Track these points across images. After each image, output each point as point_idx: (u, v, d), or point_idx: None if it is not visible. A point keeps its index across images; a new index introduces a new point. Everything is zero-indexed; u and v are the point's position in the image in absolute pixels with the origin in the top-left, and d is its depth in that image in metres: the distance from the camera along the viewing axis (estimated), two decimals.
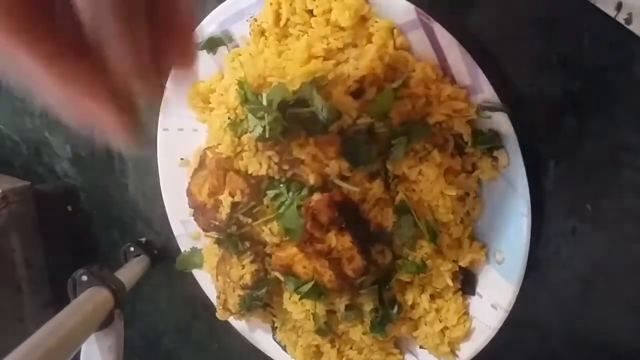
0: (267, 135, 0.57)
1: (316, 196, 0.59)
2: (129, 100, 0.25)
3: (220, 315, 0.75)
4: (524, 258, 0.57)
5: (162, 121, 0.80)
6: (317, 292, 0.62)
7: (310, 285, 0.62)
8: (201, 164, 0.70)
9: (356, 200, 0.59)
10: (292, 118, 0.56)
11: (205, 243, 0.80)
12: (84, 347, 0.68)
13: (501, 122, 0.55)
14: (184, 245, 0.84)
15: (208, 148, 0.68)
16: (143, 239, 0.92)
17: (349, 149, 0.58)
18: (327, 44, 0.59)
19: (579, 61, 0.53)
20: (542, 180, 0.57)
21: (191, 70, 0.29)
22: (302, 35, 0.61)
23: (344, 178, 0.59)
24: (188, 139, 0.78)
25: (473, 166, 0.59)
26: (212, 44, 0.70)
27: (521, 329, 0.62)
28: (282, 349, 0.76)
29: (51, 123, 0.99)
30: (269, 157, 0.61)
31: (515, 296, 0.58)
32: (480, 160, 0.58)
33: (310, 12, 0.61)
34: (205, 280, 0.82)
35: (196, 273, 0.84)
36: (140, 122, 0.27)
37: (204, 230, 0.72)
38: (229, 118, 0.65)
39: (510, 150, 0.55)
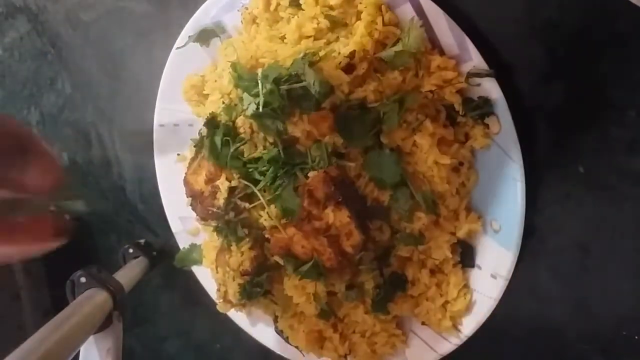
0: (261, 109, 0.58)
1: (312, 173, 0.60)
2: None
3: (221, 307, 0.74)
4: (521, 224, 0.57)
5: (158, 117, 0.81)
6: (317, 271, 0.62)
7: (309, 265, 0.61)
8: (197, 153, 0.71)
9: (352, 175, 0.60)
10: (285, 95, 0.57)
11: (204, 238, 0.81)
12: (82, 350, 0.67)
13: (491, 88, 0.56)
14: (183, 242, 0.84)
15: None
16: (142, 241, 0.92)
17: (342, 124, 0.58)
18: (317, 23, 0.60)
19: (562, 23, 0.54)
20: (534, 145, 0.58)
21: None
22: (293, 18, 0.62)
23: (339, 155, 0.60)
24: (184, 134, 0.79)
25: (466, 136, 0.60)
26: (205, 36, 0.72)
27: (520, 299, 0.61)
28: (285, 340, 0.76)
29: (48, 132, 1.00)
30: (264, 139, 0.63)
31: (514, 264, 0.58)
32: (472, 129, 0.58)
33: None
34: (206, 277, 0.82)
35: (196, 271, 0.84)
36: None
37: (202, 219, 0.73)
38: (223, 102, 0.65)
39: (501, 116, 0.56)
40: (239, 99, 0.62)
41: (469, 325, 0.62)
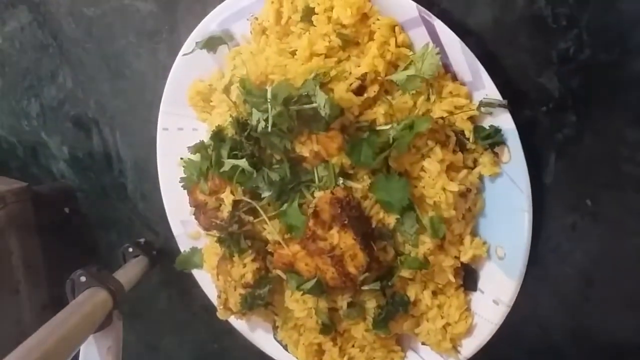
0: (269, 130, 0.57)
1: (319, 193, 0.59)
2: None
3: (221, 314, 0.74)
4: (526, 254, 0.57)
5: (162, 120, 0.80)
6: (320, 289, 0.62)
7: (312, 282, 0.62)
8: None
9: (358, 197, 0.60)
10: (295, 115, 0.57)
11: (205, 243, 0.80)
12: (82, 348, 0.68)
13: (502, 118, 0.56)
14: (183, 245, 0.84)
15: None
16: (142, 240, 0.92)
17: (351, 146, 0.58)
18: (329, 41, 0.59)
19: (578, 57, 0.54)
20: (543, 176, 0.58)
21: None
22: (304, 34, 0.61)
23: (346, 175, 0.60)
24: (188, 138, 0.78)
25: (474, 162, 0.59)
26: (213, 43, 0.71)
27: (522, 324, 0.62)
28: (283, 348, 0.76)
29: (48, 124, 0.99)
30: (271, 156, 0.62)
31: (517, 292, 0.59)
32: (481, 156, 0.58)
33: (312, 10, 0.61)
34: (205, 280, 0.82)
35: (196, 273, 0.83)
36: None
37: (205, 229, 0.72)
38: (230, 116, 0.64)
39: (511, 146, 0.56)
40: (248, 114, 0.61)
41: (469, 347, 0.63)
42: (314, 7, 0.60)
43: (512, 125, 0.55)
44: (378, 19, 0.58)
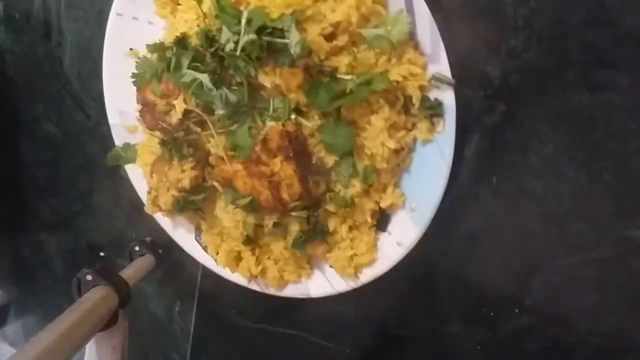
0: (237, 53, 0.59)
1: (270, 123, 0.64)
2: None
3: (148, 209, 0.78)
4: (434, 211, 0.67)
5: (117, 4, 0.77)
6: (252, 207, 0.68)
7: (247, 200, 0.67)
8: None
9: (306, 134, 0.65)
10: (265, 45, 0.59)
11: (142, 138, 0.81)
12: (88, 347, 0.68)
13: (446, 94, 0.62)
14: (118, 136, 0.84)
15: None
16: (148, 239, 0.90)
17: (310, 86, 0.62)
18: None
19: (522, 56, 0.61)
20: (464, 150, 0.67)
21: None
22: None
23: (299, 111, 0.64)
24: (142, 29, 0.77)
25: (413, 125, 0.66)
26: None
27: (413, 265, 0.72)
28: (203, 249, 0.82)
29: None
30: (232, 76, 0.64)
31: (418, 238, 0.69)
32: (420, 122, 0.65)
33: None
34: (137, 177, 0.83)
35: (128, 169, 0.85)
36: None
37: (149, 128, 0.74)
38: (198, 26, 0.65)
39: (447, 120, 0.63)
40: (217, 30, 0.62)
41: (367, 275, 0.73)
42: None
43: (453, 103, 0.62)
44: None
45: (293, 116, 0.64)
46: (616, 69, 0.58)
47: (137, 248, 0.86)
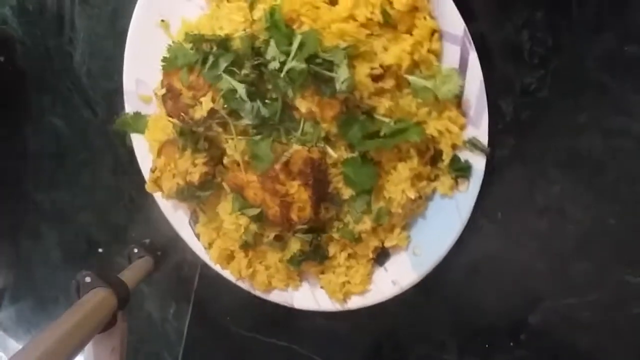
0: (281, 75, 0.57)
1: (297, 146, 0.62)
2: None
3: (149, 188, 0.76)
4: (436, 262, 0.67)
5: None
6: (259, 218, 0.68)
7: (256, 211, 0.67)
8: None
9: (329, 163, 0.64)
10: (311, 73, 0.57)
11: (155, 111, 0.78)
12: (87, 349, 0.68)
13: (478, 159, 0.62)
14: (130, 105, 0.81)
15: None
16: (147, 241, 0.90)
17: (345, 120, 0.61)
18: (371, 12, 0.58)
19: (536, 94, 0.61)
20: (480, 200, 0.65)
21: None
22: None
23: (327, 140, 0.63)
24: (179, 3, 0.74)
25: (435, 177, 0.66)
26: None
27: (412, 290, 0.72)
28: (195, 235, 0.81)
29: None
30: (268, 90, 0.62)
31: (415, 284, 0.69)
32: (444, 176, 0.65)
33: None
34: (142, 148, 0.81)
35: (134, 139, 0.82)
36: None
37: (169, 115, 0.71)
38: (245, 31, 0.62)
39: (472, 182, 0.63)
40: (264, 42, 0.60)
41: (355, 303, 0.74)
42: None
43: (482, 169, 0.62)
44: (425, 18, 0.59)
45: (321, 144, 0.63)
46: (630, 116, 0.58)
47: (135, 250, 0.86)
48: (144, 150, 0.80)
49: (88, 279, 0.68)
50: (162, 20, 0.75)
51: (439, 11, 0.59)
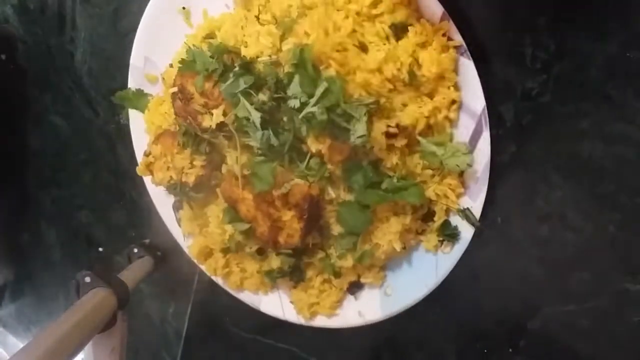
0: (299, 115, 0.57)
1: (298, 180, 0.63)
2: None
3: (140, 171, 0.76)
4: (403, 309, 0.70)
5: None
6: (247, 233, 0.68)
7: (246, 226, 0.67)
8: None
9: (326, 199, 0.65)
10: (330, 122, 0.57)
11: (158, 92, 0.78)
12: (87, 349, 0.67)
13: (467, 229, 0.64)
14: (134, 79, 0.80)
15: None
16: (147, 241, 0.90)
17: (350, 165, 0.62)
18: (398, 69, 0.58)
19: (537, 99, 0.61)
20: None
21: None
22: (384, 45, 0.59)
23: (329, 179, 0.64)
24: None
25: (422, 231, 0.68)
26: None
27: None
28: (177, 220, 0.81)
29: None
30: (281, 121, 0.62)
31: (379, 321, 0.71)
32: (430, 233, 0.67)
33: (406, 26, 0.59)
34: (139, 125, 0.81)
35: (131, 115, 0.82)
36: None
37: (176, 114, 0.70)
38: (270, 56, 0.62)
39: (456, 248, 0.65)
40: (287, 75, 0.59)
41: (320, 322, 0.76)
42: (410, 26, 0.59)
43: (469, 238, 0.64)
44: (449, 87, 0.60)
45: (323, 181, 0.64)
46: (632, 123, 0.58)
47: (135, 250, 0.86)
48: (140, 129, 0.80)
49: (88, 279, 0.68)
50: (184, 8, 0.73)
51: (463, 84, 0.60)
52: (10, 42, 0.91)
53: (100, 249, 0.97)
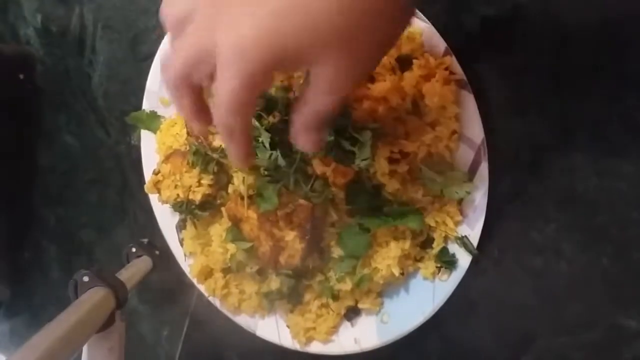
0: None
1: (302, 202, 0.65)
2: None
3: (147, 189, 0.78)
4: (400, 336, 0.70)
5: None
6: (249, 252, 0.70)
7: (249, 245, 0.69)
8: None
9: (328, 222, 0.67)
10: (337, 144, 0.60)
11: (171, 115, 0.81)
12: (85, 349, 0.68)
13: (464, 257, 0.66)
14: (149, 102, 0.82)
15: None
16: (145, 240, 0.90)
17: (352, 188, 0.64)
18: (403, 99, 0.62)
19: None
20: None
21: None
22: (389, 76, 0.62)
23: (332, 201, 0.66)
24: None
25: (420, 258, 0.69)
26: None
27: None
28: (179, 241, 0.82)
29: None
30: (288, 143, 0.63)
31: (376, 348, 0.72)
32: (429, 261, 0.68)
33: (411, 59, 0.63)
34: (149, 146, 0.83)
35: (143, 136, 0.84)
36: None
37: (188, 134, 0.74)
38: (281, 81, 0.65)
39: (452, 277, 0.67)
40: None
41: (316, 349, 0.76)
42: (415, 59, 0.62)
43: (466, 266, 0.66)
44: (450, 119, 0.62)
45: (327, 203, 0.65)
46: (625, 159, 0.60)
47: (133, 249, 0.87)
48: (150, 149, 0.82)
49: (86, 278, 0.68)
50: None
51: (465, 116, 0.63)
52: (30, 62, 0.94)
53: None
